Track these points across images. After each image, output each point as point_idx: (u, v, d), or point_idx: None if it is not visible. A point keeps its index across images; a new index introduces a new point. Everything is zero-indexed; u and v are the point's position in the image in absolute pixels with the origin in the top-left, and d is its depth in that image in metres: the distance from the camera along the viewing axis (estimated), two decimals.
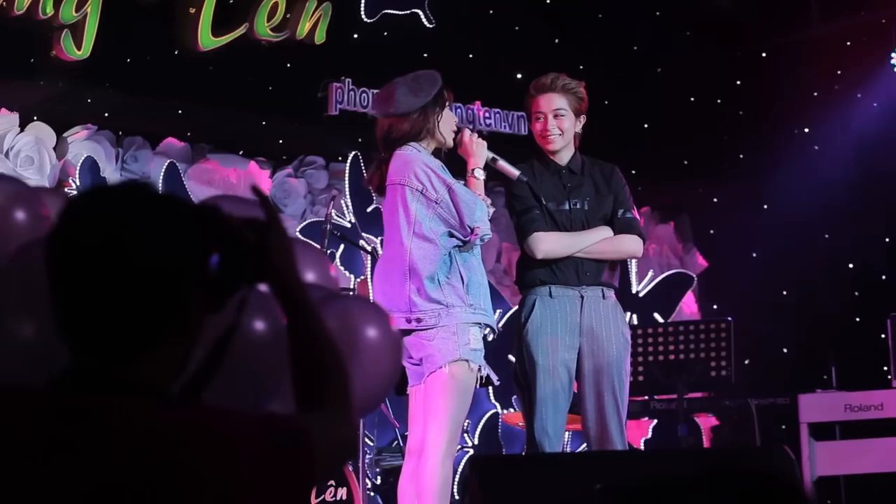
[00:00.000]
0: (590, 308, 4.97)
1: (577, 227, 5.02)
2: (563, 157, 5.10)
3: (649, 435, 8.62)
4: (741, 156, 9.36)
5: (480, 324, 4.66)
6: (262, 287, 2.01)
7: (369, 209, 7.96)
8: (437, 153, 4.80)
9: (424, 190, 4.64)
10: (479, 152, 4.88)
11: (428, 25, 8.35)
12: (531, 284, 4.99)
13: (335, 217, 7.15)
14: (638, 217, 5.25)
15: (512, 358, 5.11)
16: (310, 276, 2.73)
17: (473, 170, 4.84)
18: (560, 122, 5.05)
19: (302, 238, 6.62)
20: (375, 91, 8.04)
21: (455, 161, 4.87)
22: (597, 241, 5.01)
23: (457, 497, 6.76)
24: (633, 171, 9.34)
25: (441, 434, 4.57)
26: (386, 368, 2.77)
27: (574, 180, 5.08)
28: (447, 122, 4.79)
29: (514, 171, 4.98)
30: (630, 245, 5.10)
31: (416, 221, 4.63)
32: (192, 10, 7.52)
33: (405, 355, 4.66)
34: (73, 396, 1.76)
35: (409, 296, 4.60)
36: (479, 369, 4.65)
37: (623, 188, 5.15)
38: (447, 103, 4.80)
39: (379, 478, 6.87)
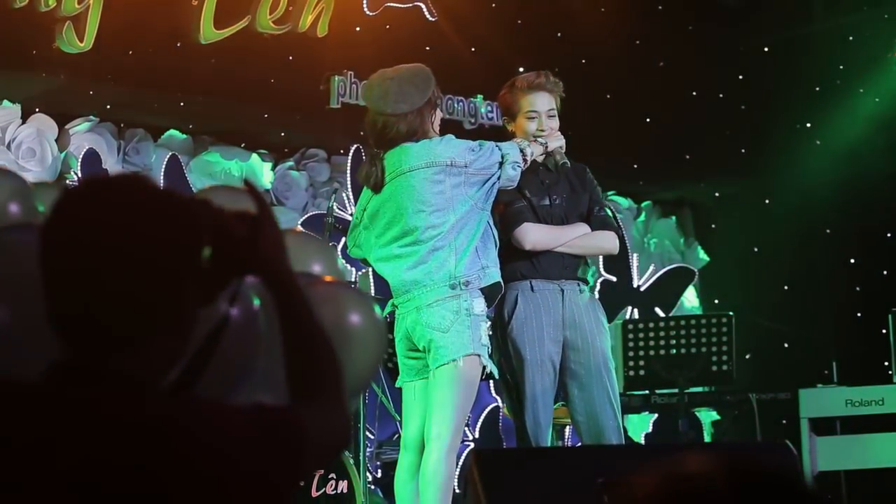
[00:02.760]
0: (570, 301, 5.00)
1: (556, 222, 5.07)
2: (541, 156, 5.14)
3: (650, 429, 8.62)
4: (743, 150, 9.35)
5: (487, 317, 4.69)
6: (253, 279, 2.01)
7: None
8: None
9: (452, 162, 4.65)
10: (556, 142, 5.04)
11: (430, 19, 8.34)
12: (512, 278, 4.98)
13: (337, 210, 7.15)
14: (612, 214, 5.30)
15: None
16: (316, 268, 2.72)
17: (549, 147, 5.00)
18: (552, 122, 5.08)
19: (305, 231, 6.61)
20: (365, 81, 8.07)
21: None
22: (579, 236, 5.03)
23: (457, 490, 6.76)
24: (635, 166, 9.36)
25: (447, 427, 4.57)
26: (369, 356, 2.76)
27: (551, 177, 5.12)
28: (437, 119, 4.82)
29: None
30: (609, 241, 5.16)
31: (455, 196, 4.64)
32: (195, 3, 7.51)
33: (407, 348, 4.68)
34: (64, 389, 1.76)
35: (454, 265, 4.63)
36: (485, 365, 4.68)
37: (595, 187, 5.24)
38: (439, 100, 4.83)
39: (380, 471, 6.87)
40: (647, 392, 7.12)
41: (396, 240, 4.71)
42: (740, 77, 9.35)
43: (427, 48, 7.79)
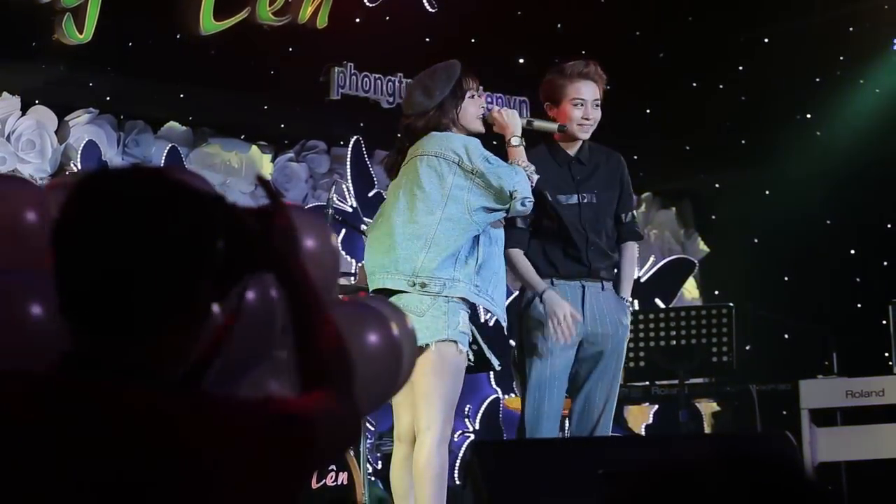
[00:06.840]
0: (591, 298, 4.98)
1: (586, 223, 5.00)
2: (574, 146, 5.09)
3: (650, 420, 8.63)
4: (743, 141, 9.34)
5: (467, 307, 4.65)
6: (266, 274, 2.01)
7: (371, 194, 7.96)
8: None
9: (461, 161, 4.63)
10: (512, 122, 4.88)
11: (430, 10, 8.33)
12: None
13: (337, 201, 7.15)
14: (635, 214, 5.29)
15: (513, 342, 5.12)
16: (309, 243, 2.72)
17: (510, 139, 4.84)
18: (596, 112, 5.06)
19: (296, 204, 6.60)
20: (378, 76, 8.08)
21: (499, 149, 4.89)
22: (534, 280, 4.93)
23: (458, 482, 6.77)
24: (635, 157, 9.31)
25: (435, 417, 4.55)
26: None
27: (584, 172, 5.07)
28: (469, 110, 4.78)
29: (553, 126, 5.00)
30: (636, 251, 5.26)
31: (452, 194, 4.62)
32: None
33: None
34: (74, 380, 1.77)
35: (422, 262, 4.57)
36: (467, 353, 4.66)
37: (628, 183, 5.19)
38: (469, 92, 4.80)
39: (380, 462, 6.88)
40: (647, 383, 7.12)
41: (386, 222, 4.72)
42: (740, 68, 9.33)
43: (427, 39, 7.77)
